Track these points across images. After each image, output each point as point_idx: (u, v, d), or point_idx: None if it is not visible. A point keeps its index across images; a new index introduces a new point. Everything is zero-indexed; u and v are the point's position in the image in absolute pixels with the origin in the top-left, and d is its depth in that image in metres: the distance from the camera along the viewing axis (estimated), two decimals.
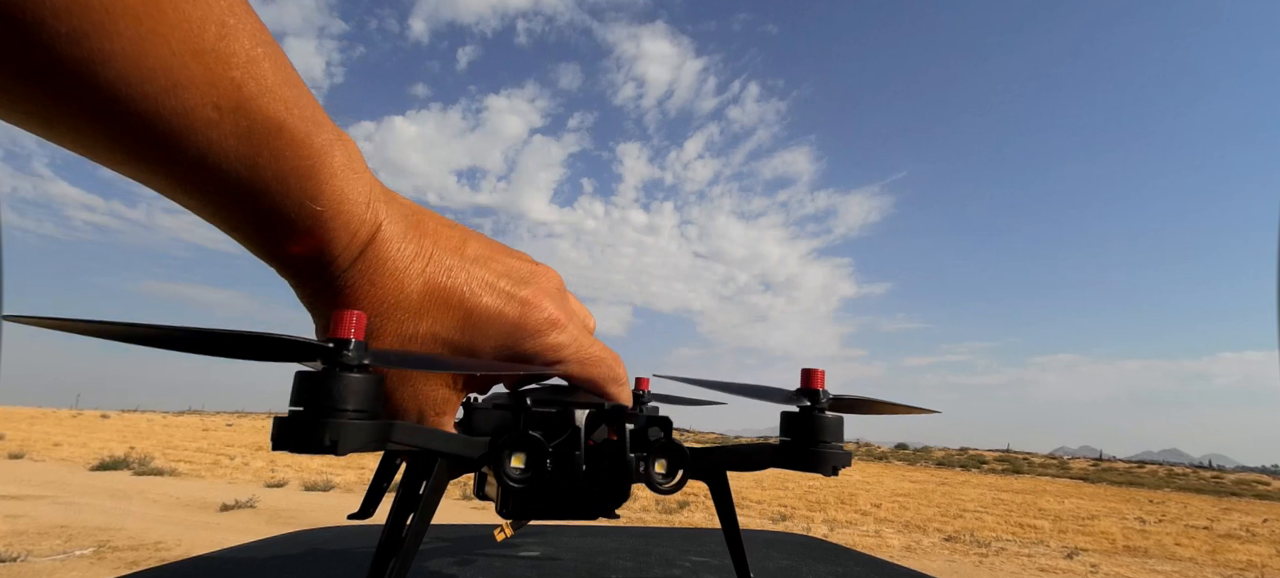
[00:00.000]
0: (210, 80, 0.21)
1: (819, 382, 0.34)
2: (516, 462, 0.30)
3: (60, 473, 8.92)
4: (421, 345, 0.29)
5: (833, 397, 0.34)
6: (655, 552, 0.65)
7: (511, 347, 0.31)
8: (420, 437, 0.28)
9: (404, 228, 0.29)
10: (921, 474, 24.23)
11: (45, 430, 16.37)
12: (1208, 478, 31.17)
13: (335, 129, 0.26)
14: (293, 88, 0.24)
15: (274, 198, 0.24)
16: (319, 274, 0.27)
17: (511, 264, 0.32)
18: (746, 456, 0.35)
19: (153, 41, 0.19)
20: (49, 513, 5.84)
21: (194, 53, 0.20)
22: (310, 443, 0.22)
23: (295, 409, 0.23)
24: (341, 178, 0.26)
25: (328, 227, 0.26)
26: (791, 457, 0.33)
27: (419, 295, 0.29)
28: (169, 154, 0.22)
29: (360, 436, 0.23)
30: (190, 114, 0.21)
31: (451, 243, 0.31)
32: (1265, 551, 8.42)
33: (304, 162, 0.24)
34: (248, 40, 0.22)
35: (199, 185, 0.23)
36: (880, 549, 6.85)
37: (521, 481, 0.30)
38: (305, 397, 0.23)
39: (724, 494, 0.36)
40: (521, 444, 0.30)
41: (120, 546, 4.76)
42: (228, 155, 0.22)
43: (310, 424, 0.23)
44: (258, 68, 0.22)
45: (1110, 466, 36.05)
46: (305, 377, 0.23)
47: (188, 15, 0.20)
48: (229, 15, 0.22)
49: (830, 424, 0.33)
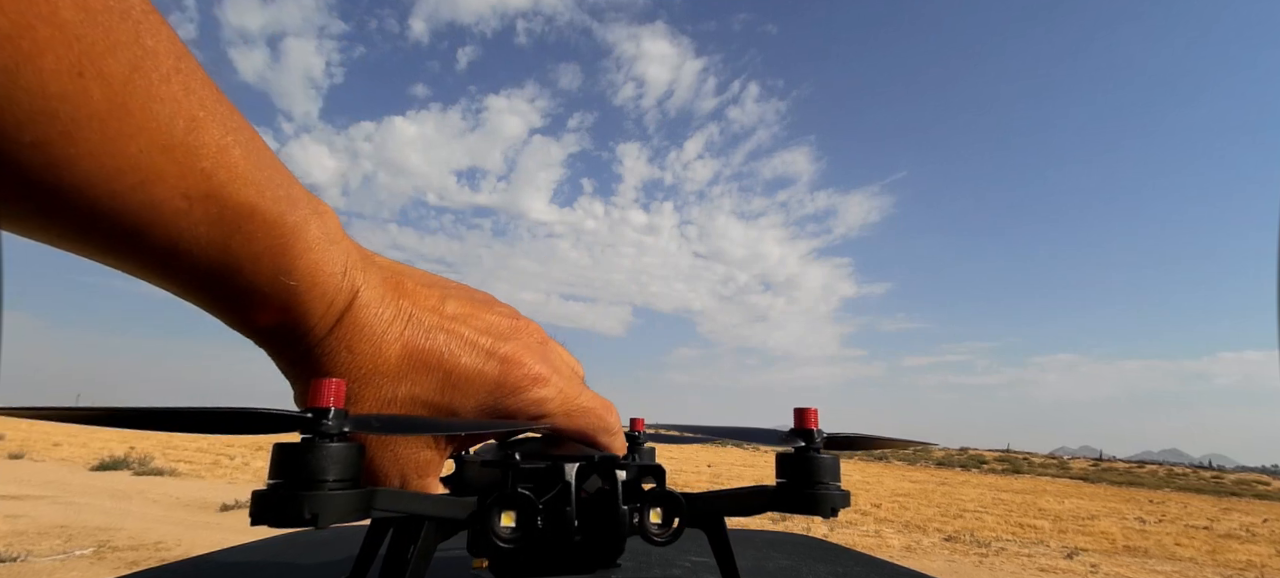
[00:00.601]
0: (179, 173, 0.21)
1: (813, 421, 0.34)
2: (506, 520, 0.29)
3: (60, 473, 8.92)
4: (402, 409, 0.29)
5: (827, 435, 0.34)
6: (655, 553, 0.65)
7: (494, 406, 0.31)
8: (405, 502, 0.27)
9: (382, 291, 0.29)
10: (921, 474, 24.23)
11: (45, 430, 16.37)
12: (1208, 478, 31.15)
13: (312, 203, 0.26)
14: (265, 169, 0.24)
15: (247, 277, 0.25)
16: (296, 345, 0.27)
17: (492, 321, 0.32)
18: (743, 500, 0.34)
19: (119, 143, 0.20)
20: (49, 513, 5.84)
21: (162, 148, 0.21)
22: (289, 517, 0.22)
23: (274, 482, 0.23)
24: (316, 250, 0.26)
25: (303, 299, 0.26)
26: (789, 500, 0.32)
27: (398, 359, 0.29)
28: (140, 244, 0.22)
29: (342, 506, 0.23)
30: (160, 206, 0.21)
31: (430, 302, 0.31)
32: (1265, 551, 8.42)
33: (277, 240, 0.25)
34: (217, 130, 0.22)
35: (172, 270, 0.24)
36: (880, 549, 6.85)
37: (512, 540, 0.29)
38: (284, 470, 0.23)
39: (722, 542, 0.35)
40: (511, 502, 0.29)
41: (120, 546, 4.76)
42: (200, 241, 0.23)
43: (289, 498, 0.22)
44: (228, 156, 0.23)
45: (1110, 466, 36.03)
46: (283, 449, 0.23)
47: (155, 114, 0.20)
48: (199, 109, 0.22)
49: (826, 465, 0.33)
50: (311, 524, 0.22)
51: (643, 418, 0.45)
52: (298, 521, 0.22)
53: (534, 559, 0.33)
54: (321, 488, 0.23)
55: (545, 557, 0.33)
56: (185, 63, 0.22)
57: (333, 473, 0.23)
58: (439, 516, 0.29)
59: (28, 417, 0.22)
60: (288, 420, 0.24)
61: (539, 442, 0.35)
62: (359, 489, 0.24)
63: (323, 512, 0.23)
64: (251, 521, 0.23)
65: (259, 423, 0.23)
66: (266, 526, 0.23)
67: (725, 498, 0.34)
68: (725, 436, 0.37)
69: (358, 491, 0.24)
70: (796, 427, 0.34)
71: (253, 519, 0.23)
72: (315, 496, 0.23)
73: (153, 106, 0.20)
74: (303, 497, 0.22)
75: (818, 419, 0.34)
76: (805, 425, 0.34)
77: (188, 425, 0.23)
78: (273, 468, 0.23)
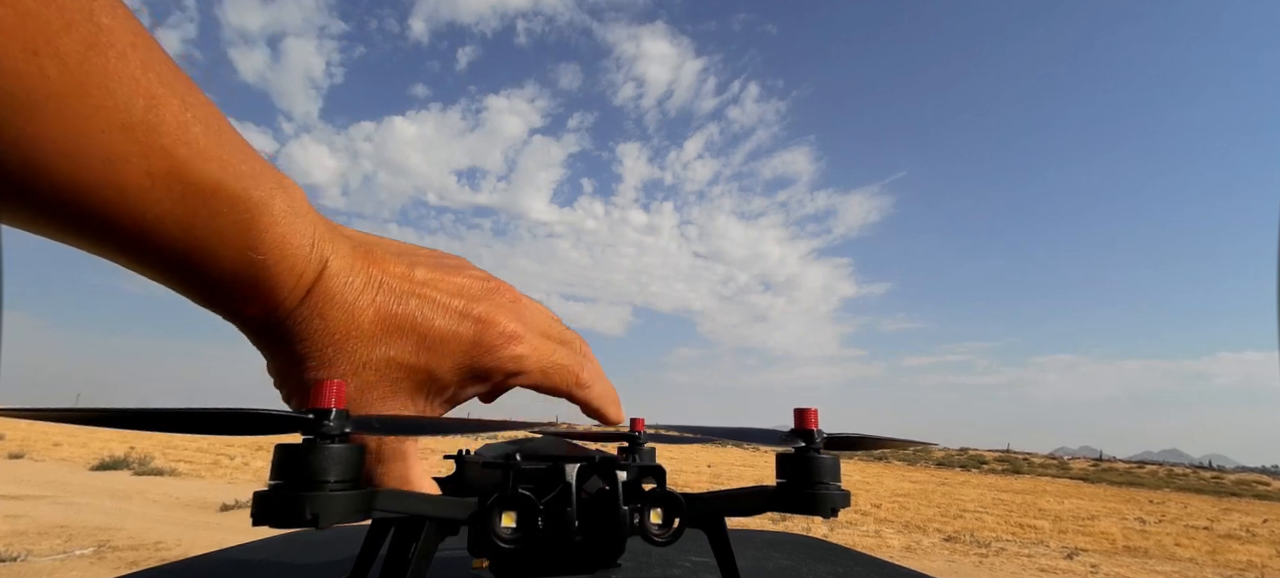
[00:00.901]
0: (141, 152, 0.21)
1: (813, 421, 0.33)
2: (507, 521, 0.29)
3: (60, 473, 8.92)
4: (379, 372, 0.29)
5: (827, 435, 0.34)
6: (655, 553, 0.65)
7: (471, 365, 0.31)
8: (406, 502, 0.27)
9: (351, 261, 0.29)
10: (921, 474, 24.23)
11: (45, 430, 16.36)
12: (1208, 478, 31.15)
13: (276, 177, 0.26)
14: (227, 146, 0.24)
15: (214, 253, 0.24)
16: (268, 317, 0.27)
17: (462, 283, 0.32)
18: (743, 501, 0.34)
19: (78, 122, 0.20)
20: (49, 513, 5.84)
21: (122, 127, 0.21)
22: (290, 518, 0.22)
23: (275, 483, 0.23)
24: (283, 224, 0.26)
25: (272, 272, 0.26)
26: (789, 500, 0.32)
27: (371, 324, 0.29)
28: (106, 224, 0.22)
29: (342, 507, 0.23)
30: (123, 186, 0.21)
31: (398, 269, 0.30)
32: (1265, 551, 8.42)
33: (242, 215, 0.24)
34: (177, 106, 0.22)
35: (140, 250, 0.23)
36: (880, 549, 6.85)
37: (512, 540, 0.29)
38: (285, 471, 0.23)
39: (722, 542, 0.35)
40: (511, 503, 0.30)
41: (120, 546, 4.76)
42: (164, 219, 0.23)
43: (290, 499, 0.22)
44: (188, 133, 0.22)
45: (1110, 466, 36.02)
46: (284, 450, 0.23)
47: (113, 93, 0.20)
48: (158, 85, 0.22)
49: (827, 465, 0.33)
50: (313, 525, 0.22)
51: (643, 418, 0.45)
52: (299, 521, 0.22)
53: (534, 560, 0.33)
54: (323, 489, 0.23)
55: (546, 557, 0.33)
56: (142, 39, 0.22)
57: (334, 474, 0.23)
58: (439, 516, 0.29)
59: (27, 418, 0.22)
60: (289, 422, 0.24)
61: (540, 442, 0.35)
62: (360, 490, 0.24)
63: (324, 512, 0.23)
64: (253, 521, 0.23)
65: (260, 424, 0.23)
66: (268, 526, 0.23)
67: (725, 498, 0.34)
68: (724, 437, 0.37)
69: (359, 491, 0.24)
70: (796, 427, 0.34)
71: (254, 520, 0.23)
72: (316, 496, 0.23)
73: (110, 84, 0.20)
74: (304, 497, 0.22)
75: (818, 420, 0.34)
76: (805, 426, 0.34)
77: (189, 427, 0.23)
78: (274, 469, 0.23)
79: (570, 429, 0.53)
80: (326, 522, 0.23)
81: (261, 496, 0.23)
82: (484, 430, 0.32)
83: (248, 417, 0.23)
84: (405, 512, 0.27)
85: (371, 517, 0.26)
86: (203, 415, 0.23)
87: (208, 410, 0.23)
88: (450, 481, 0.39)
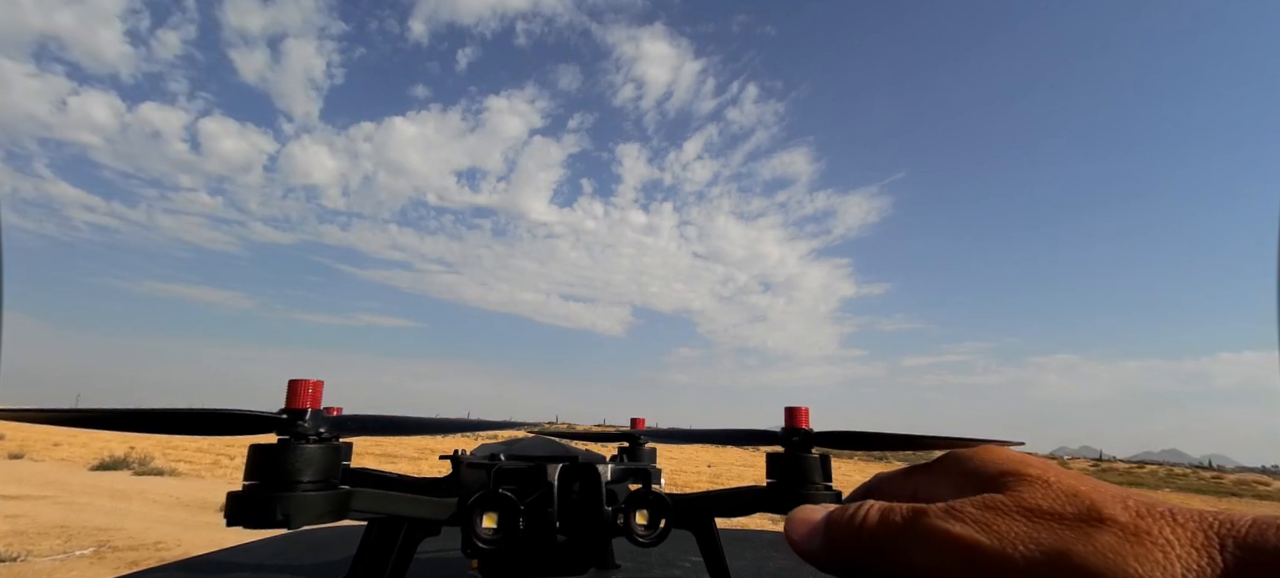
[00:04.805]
0: None
1: (803, 420, 0.33)
2: (488, 522, 0.29)
3: (60, 473, 8.92)
4: None
5: (818, 433, 0.34)
6: (655, 553, 0.65)
7: None
8: (382, 503, 0.27)
9: None
10: None
11: (45, 430, 16.34)
12: (1207, 478, 31.18)
13: None
14: None
15: None
16: None
17: None
18: (733, 501, 0.34)
19: None
20: (49, 513, 5.84)
21: None
22: (262, 518, 0.22)
23: (249, 483, 0.23)
24: None
25: None
26: (779, 499, 0.32)
27: None
28: None
29: (316, 507, 0.23)
30: None
31: None
32: None
33: None
34: None
35: None
36: None
37: (493, 541, 0.29)
38: (259, 471, 0.23)
39: (712, 543, 0.34)
40: (492, 503, 0.29)
41: (120, 546, 4.76)
42: None
43: (263, 499, 0.22)
44: None
45: (1110, 466, 36.00)
46: (258, 450, 0.23)
47: None
48: None
49: (816, 464, 0.33)
50: (285, 525, 0.22)
51: (643, 418, 0.45)
52: (270, 522, 0.22)
53: (517, 560, 0.34)
54: (295, 489, 0.23)
55: (527, 558, 0.34)
56: None
57: (308, 474, 0.23)
58: (417, 516, 0.29)
59: (27, 420, 0.22)
60: (265, 422, 0.24)
61: (528, 442, 0.35)
62: (335, 490, 0.24)
63: (296, 513, 0.23)
64: (226, 521, 0.23)
65: (236, 424, 0.23)
66: (241, 526, 0.23)
67: (713, 499, 0.34)
68: (719, 439, 0.38)
69: (333, 492, 0.24)
70: (787, 426, 0.34)
71: (228, 520, 0.23)
72: (289, 497, 0.23)
73: None
74: (277, 498, 0.22)
75: (808, 418, 0.34)
76: (795, 424, 0.34)
77: (165, 426, 0.23)
78: (248, 469, 0.23)
79: (569, 429, 0.53)
80: (299, 523, 0.23)
81: (235, 496, 0.23)
82: (480, 430, 0.32)
83: (225, 417, 0.23)
84: (382, 512, 0.27)
85: (348, 517, 0.26)
86: (180, 416, 0.23)
87: (185, 411, 0.23)
88: (448, 480, 0.39)
